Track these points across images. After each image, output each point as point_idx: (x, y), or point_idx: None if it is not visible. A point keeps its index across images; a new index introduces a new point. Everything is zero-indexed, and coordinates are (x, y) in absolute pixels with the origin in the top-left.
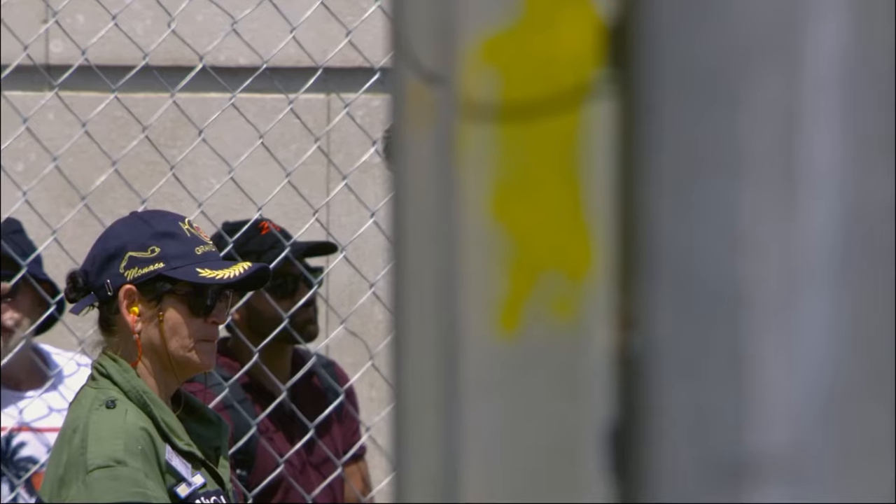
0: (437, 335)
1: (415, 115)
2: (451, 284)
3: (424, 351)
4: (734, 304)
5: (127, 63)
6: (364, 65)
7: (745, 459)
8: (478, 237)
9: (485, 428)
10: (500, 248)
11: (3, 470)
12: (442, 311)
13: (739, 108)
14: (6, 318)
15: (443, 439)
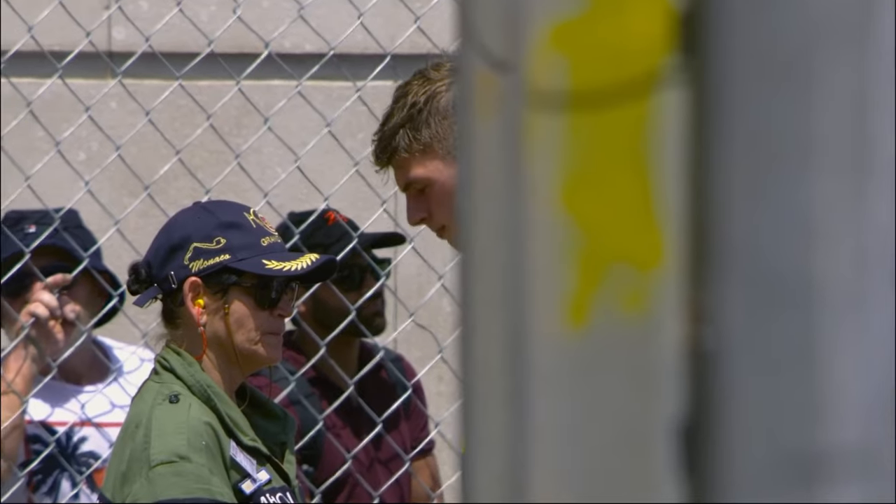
0: (505, 329)
1: (482, 103)
2: (518, 278)
3: (491, 345)
4: (806, 296)
5: (191, 50)
6: (433, 51)
7: (819, 457)
8: (545, 229)
9: (553, 425)
10: (568, 240)
11: (64, 465)
12: (509, 305)
13: (812, 96)
14: (68, 310)
15: (510, 436)
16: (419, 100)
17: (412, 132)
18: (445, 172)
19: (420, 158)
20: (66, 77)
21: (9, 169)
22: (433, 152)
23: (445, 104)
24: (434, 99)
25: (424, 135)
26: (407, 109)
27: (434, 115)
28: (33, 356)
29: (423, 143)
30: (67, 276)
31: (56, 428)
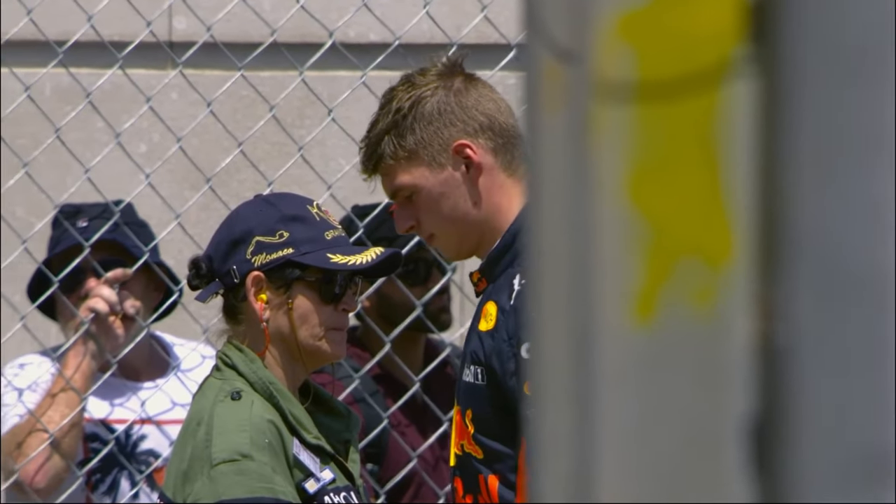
0: (571, 326)
1: (548, 95)
2: (585, 273)
3: (558, 342)
4: (878, 291)
5: (253, 40)
6: (500, 41)
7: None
8: (613, 223)
9: (620, 423)
10: (635, 234)
11: (123, 464)
12: (576, 301)
13: (885, 86)
14: (127, 305)
15: (577, 435)
16: (404, 105)
17: (397, 139)
18: (432, 179)
19: (406, 165)
20: (126, 67)
21: (69, 162)
22: (419, 159)
23: (430, 109)
24: (419, 104)
25: (409, 141)
26: (391, 116)
27: (419, 121)
28: (93, 352)
29: (409, 150)
30: (127, 271)
31: (114, 426)
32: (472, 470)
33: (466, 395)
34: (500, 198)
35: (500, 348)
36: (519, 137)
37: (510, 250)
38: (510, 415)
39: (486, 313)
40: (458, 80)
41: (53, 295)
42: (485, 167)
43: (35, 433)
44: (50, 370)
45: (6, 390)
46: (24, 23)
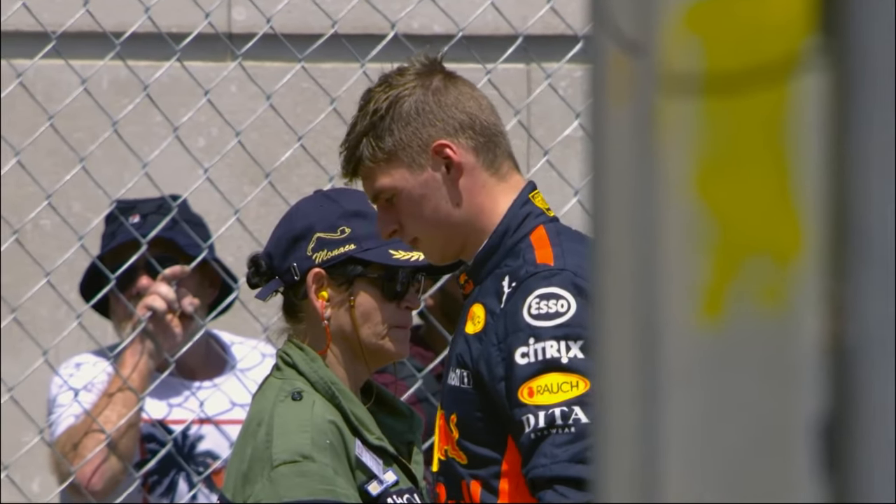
0: (637, 323)
1: (614, 88)
2: (651, 270)
3: (623, 340)
4: None
5: (314, 31)
6: (566, 32)
7: None
8: (679, 219)
9: (686, 422)
10: (702, 230)
11: (181, 465)
12: (641, 299)
13: None
14: (186, 303)
15: (642, 434)
16: (381, 106)
17: (375, 140)
18: (412, 181)
19: (385, 168)
20: (184, 60)
21: (126, 156)
22: (398, 160)
23: (408, 109)
24: (396, 105)
25: (388, 143)
26: (369, 118)
27: (397, 122)
28: (150, 351)
29: (387, 152)
30: (185, 268)
31: (171, 426)
32: (455, 476)
33: (451, 399)
34: (483, 198)
35: (489, 352)
36: (501, 136)
37: (497, 251)
38: (497, 420)
39: (474, 316)
40: (437, 79)
41: (106, 293)
42: (466, 167)
43: (92, 434)
44: (106, 370)
45: (61, 390)
46: (80, 14)
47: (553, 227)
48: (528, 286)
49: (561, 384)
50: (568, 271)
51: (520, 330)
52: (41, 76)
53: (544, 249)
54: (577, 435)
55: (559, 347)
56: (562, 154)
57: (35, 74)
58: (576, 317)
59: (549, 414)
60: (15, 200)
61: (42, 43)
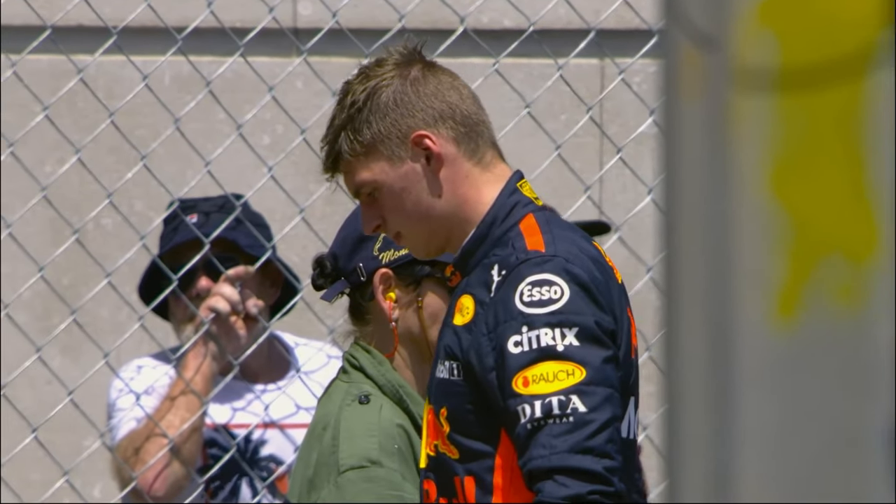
0: (710, 324)
1: (687, 83)
2: (724, 270)
3: (696, 341)
4: None
5: (381, 26)
6: (641, 26)
7: None
8: (753, 217)
9: (760, 424)
10: (777, 229)
11: (245, 470)
12: (715, 299)
13: None
14: (250, 304)
15: (716, 435)
16: (358, 98)
17: (353, 134)
18: (392, 173)
19: (364, 161)
20: (248, 55)
21: (189, 154)
22: (377, 153)
23: (386, 100)
24: (374, 96)
25: (366, 135)
26: (347, 110)
27: (374, 114)
28: (213, 354)
29: (366, 145)
30: (249, 269)
31: (233, 430)
32: (447, 471)
33: (440, 393)
34: (466, 188)
35: (479, 342)
36: (483, 125)
37: (485, 241)
38: (489, 412)
39: (462, 307)
40: (416, 69)
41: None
42: (447, 158)
43: (154, 438)
44: (168, 373)
45: (121, 394)
46: (142, 8)
47: (542, 216)
48: (520, 273)
49: (557, 373)
50: (560, 257)
51: (512, 318)
52: (102, 72)
53: (534, 237)
54: (576, 424)
55: (554, 335)
56: (635, 151)
57: (96, 70)
58: (570, 303)
59: (546, 403)
60: (76, 199)
61: (103, 38)
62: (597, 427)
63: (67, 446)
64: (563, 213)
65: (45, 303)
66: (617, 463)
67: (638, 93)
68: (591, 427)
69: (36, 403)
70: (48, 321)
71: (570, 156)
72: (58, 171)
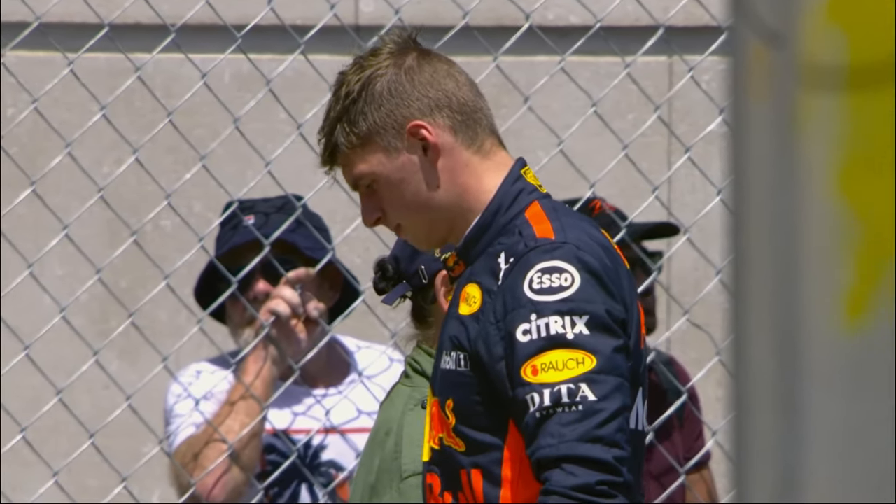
0: (777, 326)
1: (754, 81)
2: (791, 271)
3: (763, 344)
4: None
5: (445, 23)
6: (710, 23)
7: None
8: (822, 219)
9: (828, 427)
10: (846, 230)
11: (305, 475)
12: (782, 301)
13: None
14: (310, 307)
15: (784, 439)
16: (353, 89)
17: (349, 125)
18: (389, 165)
19: (361, 153)
20: (309, 53)
21: (249, 154)
22: (373, 144)
23: (381, 90)
24: (369, 87)
25: (362, 127)
26: (342, 102)
27: (369, 104)
28: (273, 358)
29: (362, 136)
30: (310, 271)
31: (293, 435)
32: (452, 465)
33: (447, 384)
34: (466, 177)
35: (487, 332)
36: (481, 112)
37: (489, 230)
38: (496, 403)
39: (468, 296)
40: (411, 58)
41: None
42: (444, 147)
43: (213, 444)
44: (227, 378)
45: (179, 399)
46: (201, 6)
47: (549, 203)
48: (529, 261)
49: (566, 361)
50: (571, 245)
51: (521, 306)
52: (160, 70)
53: (542, 224)
54: (585, 413)
55: (563, 323)
56: (704, 151)
57: (154, 69)
58: (580, 291)
59: (555, 392)
60: (134, 200)
61: (161, 36)
62: (607, 416)
63: (125, 452)
64: (629, 213)
65: (102, 306)
66: (626, 453)
67: (707, 91)
68: (601, 416)
69: (93, 408)
70: (105, 324)
71: (637, 156)
72: (115, 171)
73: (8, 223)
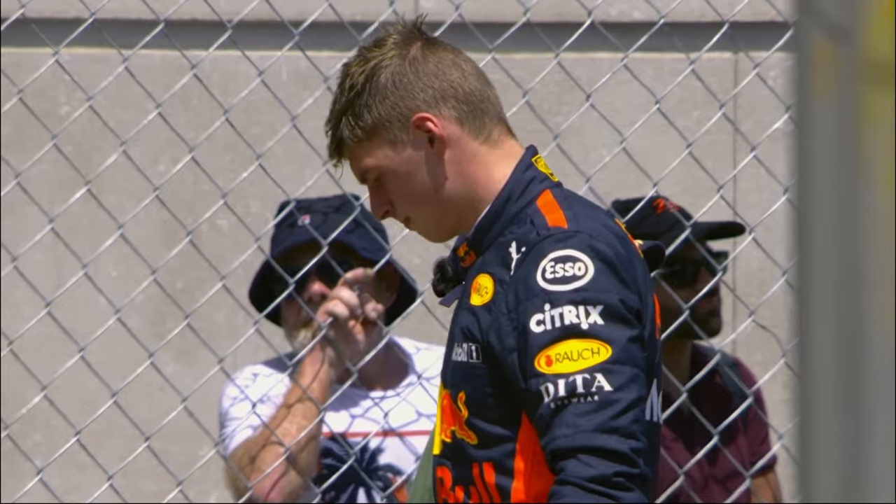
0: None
1: (819, 78)
2: (857, 274)
3: (828, 346)
4: None
5: (506, 19)
6: (776, 19)
7: None
8: (886, 220)
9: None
10: None
11: (362, 479)
12: (847, 304)
13: None
14: (369, 308)
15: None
16: (357, 82)
17: (354, 119)
18: (395, 158)
19: (367, 146)
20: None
21: (307, 153)
22: (379, 137)
23: (385, 82)
24: (373, 79)
25: (367, 120)
26: (346, 95)
27: (374, 97)
28: (331, 360)
29: (367, 130)
30: (369, 272)
31: (350, 439)
32: (464, 458)
33: (459, 376)
34: (474, 168)
35: (499, 322)
36: (488, 101)
37: (500, 219)
38: (509, 395)
39: (479, 287)
40: (416, 48)
41: (276, 298)
42: (451, 139)
43: (270, 447)
44: (283, 380)
45: (235, 402)
46: (257, 2)
47: (560, 192)
48: (541, 250)
49: (581, 351)
50: (584, 233)
51: (534, 296)
52: (217, 68)
53: (555, 213)
54: (601, 403)
55: (578, 313)
56: (771, 149)
57: (210, 66)
58: (594, 280)
59: (570, 382)
60: (190, 199)
61: (218, 33)
62: (623, 407)
63: (182, 455)
64: (694, 213)
65: (158, 307)
66: (642, 444)
67: (773, 88)
68: (617, 407)
69: (149, 411)
70: (161, 326)
71: (702, 154)
72: (171, 170)
73: (63, 223)
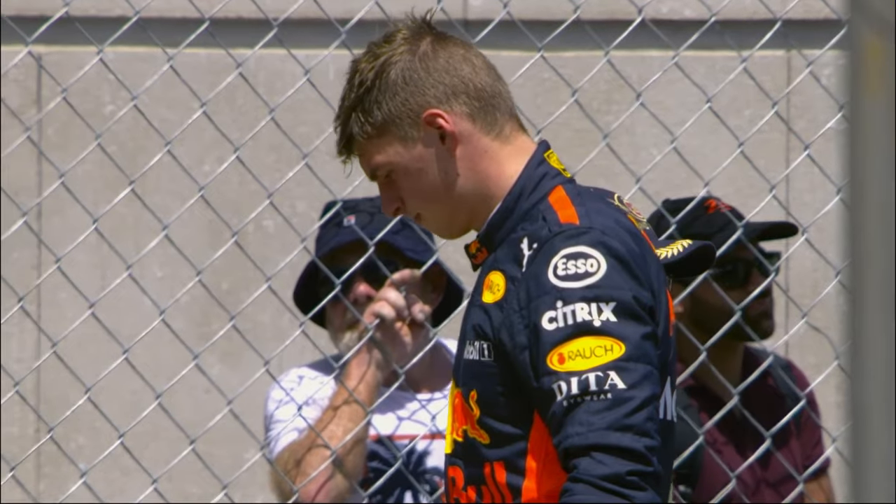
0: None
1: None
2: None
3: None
4: None
5: (555, 17)
6: (830, 16)
7: None
8: None
9: None
10: None
11: (409, 482)
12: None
13: None
14: (416, 310)
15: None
16: (367, 78)
17: (363, 115)
18: (406, 155)
19: (377, 143)
20: None
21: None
22: (389, 134)
23: (395, 78)
24: (382, 75)
25: (376, 116)
26: (355, 91)
27: (384, 93)
28: (378, 362)
29: (377, 126)
30: (416, 273)
31: (396, 441)
32: (476, 458)
33: (471, 375)
34: (486, 164)
35: (511, 320)
36: (500, 97)
37: (511, 215)
38: (520, 393)
39: (491, 284)
40: (426, 43)
41: (320, 300)
42: (462, 135)
43: (316, 450)
44: (329, 382)
45: (281, 404)
46: (303, 0)
47: (573, 188)
48: (553, 246)
49: (594, 348)
50: (596, 230)
51: (545, 293)
52: (262, 66)
53: (567, 210)
54: (615, 401)
55: (590, 310)
56: (824, 148)
57: (256, 65)
58: (607, 277)
59: (583, 380)
60: (235, 199)
61: (263, 31)
62: (637, 405)
63: (227, 458)
64: (746, 213)
65: (203, 308)
66: (656, 442)
67: (826, 86)
68: (631, 404)
69: (195, 413)
70: (207, 327)
71: (754, 153)
72: (216, 170)
73: (107, 224)
